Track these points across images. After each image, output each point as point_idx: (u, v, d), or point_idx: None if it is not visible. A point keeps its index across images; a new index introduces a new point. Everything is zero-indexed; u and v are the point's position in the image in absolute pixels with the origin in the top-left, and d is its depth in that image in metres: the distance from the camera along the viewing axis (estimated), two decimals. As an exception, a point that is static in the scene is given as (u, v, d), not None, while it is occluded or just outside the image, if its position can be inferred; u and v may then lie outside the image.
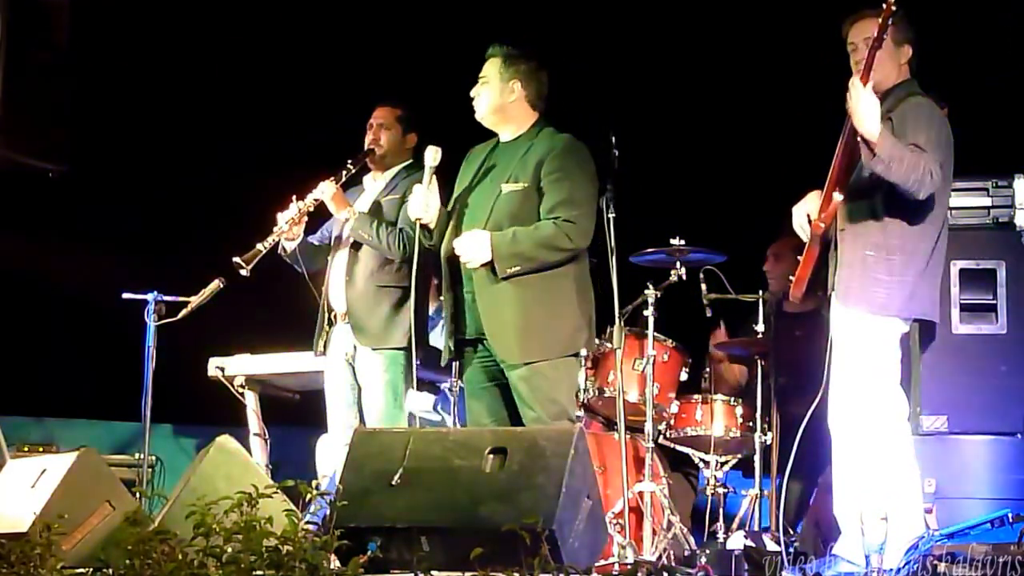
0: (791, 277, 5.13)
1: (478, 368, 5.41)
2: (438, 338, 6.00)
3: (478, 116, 5.49)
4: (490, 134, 5.56)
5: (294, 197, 6.06)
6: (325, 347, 6.10)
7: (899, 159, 4.75)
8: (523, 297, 5.25)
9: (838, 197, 4.92)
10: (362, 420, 5.96)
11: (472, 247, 5.28)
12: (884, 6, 4.68)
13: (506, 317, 5.25)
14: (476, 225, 5.33)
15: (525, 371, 5.24)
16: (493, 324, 5.27)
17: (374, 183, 6.24)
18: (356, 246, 6.04)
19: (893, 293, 4.90)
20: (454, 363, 5.64)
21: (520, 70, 5.44)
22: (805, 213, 5.05)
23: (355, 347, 6.02)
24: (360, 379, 6.03)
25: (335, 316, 6.06)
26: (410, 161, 6.18)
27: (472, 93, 5.48)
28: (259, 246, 5.98)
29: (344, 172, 6.09)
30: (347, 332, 6.02)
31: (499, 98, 5.43)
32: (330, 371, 6.12)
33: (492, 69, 5.46)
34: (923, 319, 5.08)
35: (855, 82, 4.76)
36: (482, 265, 5.27)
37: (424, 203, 5.40)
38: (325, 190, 6.02)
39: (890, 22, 4.69)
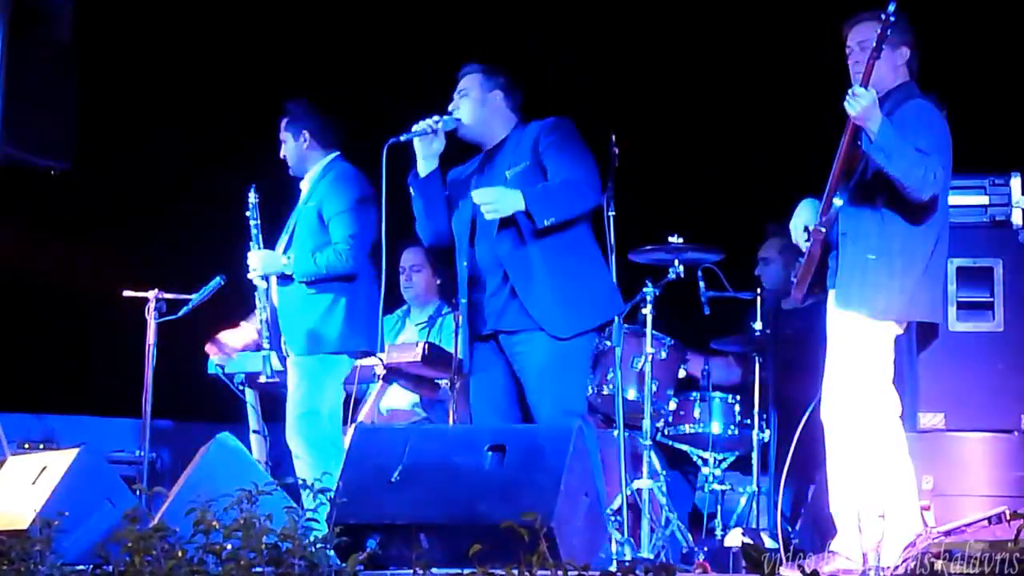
0: (793, 279, 5.14)
1: (490, 364, 5.39)
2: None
3: (460, 130, 5.40)
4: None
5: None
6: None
7: (900, 151, 4.76)
8: (560, 268, 5.23)
9: (838, 202, 4.92)
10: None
11: (498, 196, 5.17)
12: (883, 17, 4.68)
13: (549, 292, 5.22)
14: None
15: (562, 346, 5.22)
16: (535, 300, 5.21)
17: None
18: None
19: (893, 297, 4.91)
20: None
21: (500, 82, 5.43)
22: (803, 225, 5.06)
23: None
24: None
25: None
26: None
27: (451, 108, 5.41)
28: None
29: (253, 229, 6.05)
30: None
31: (482, 108, 5.40)
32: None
33: (472, 83, 5.42)
34: (924, 321, 5.10)
35: (856, 88, 4.76)
36: (510, 225, 5.21)
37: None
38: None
39: (888, 31, 4.70)
